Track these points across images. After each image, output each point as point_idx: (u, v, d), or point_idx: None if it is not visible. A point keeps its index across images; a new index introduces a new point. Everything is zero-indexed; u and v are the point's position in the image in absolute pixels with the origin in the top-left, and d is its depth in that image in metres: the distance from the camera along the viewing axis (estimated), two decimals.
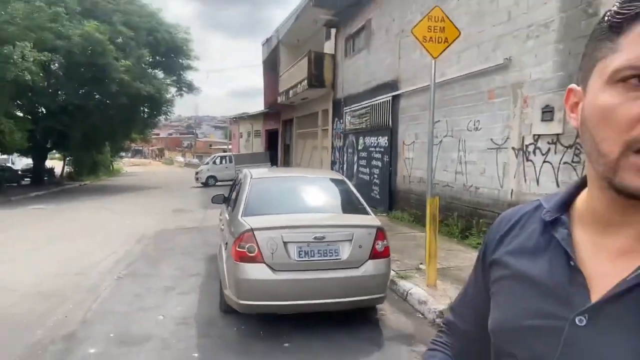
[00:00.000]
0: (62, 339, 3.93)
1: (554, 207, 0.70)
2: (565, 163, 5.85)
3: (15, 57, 13.85)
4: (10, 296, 5.12)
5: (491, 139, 7.29)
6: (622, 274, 0.57)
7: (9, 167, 24.49)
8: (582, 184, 0.70)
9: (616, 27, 0.55)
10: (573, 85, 0.65)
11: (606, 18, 0.57)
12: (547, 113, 6.10)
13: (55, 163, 29.01)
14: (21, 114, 18.85)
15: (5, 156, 26.91)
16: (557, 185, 5.94)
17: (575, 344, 0.58)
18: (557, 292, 0.63)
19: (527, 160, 6.51)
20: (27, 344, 3.82)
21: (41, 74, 15.56)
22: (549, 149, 6.13)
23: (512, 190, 6.80)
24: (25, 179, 23.92)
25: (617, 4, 0.55)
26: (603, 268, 0.60)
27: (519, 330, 0.66)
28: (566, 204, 0.71)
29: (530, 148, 6.46)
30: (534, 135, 6.38)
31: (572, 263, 0.63)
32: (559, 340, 0.59)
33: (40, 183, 22.66)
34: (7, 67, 13.76)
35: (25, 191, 19.30)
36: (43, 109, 20.13)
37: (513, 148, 6.78)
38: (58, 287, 5.47)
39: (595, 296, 0.59)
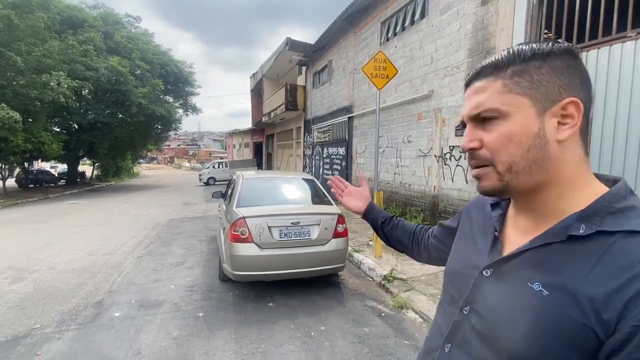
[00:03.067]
0: (92, 306, 3.74)
1: None
2: None
3: (52, 83, 13.24)
4: (51, 273, 4.85)
5: (419, 149, 7.46)
6: (521, 244, 0.62)
7: (48, 171, 23.39)
8: None
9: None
10: None
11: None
12: (459, 130, 6.29)
13: (86, 168, 27.80)
14: (57, 129, 17.92)
15: (44, 163, 25.67)
16: (466, 182, 6.13)
17: (479, 287, 0.65)
18: (482, 252, 0.70)
19: (445, 164, 6.70)
20: (64, 310, 3.63)
21: (74, 98, 14.92)
22: (460, 156, 6.32)
23: (434, 186, 6.98)
24: (62, 181, 22.88)
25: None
26: (515, 239, 0.66)
27: (455, 274, 0.75)
28: None
29: (447, 156, 6.65)
30: (450, 146, 6.57)
31: (495, 234, 0.70)
32: (470, 284, 0.67)
33: (74, 184, 21.72)
34: (46, 91, 13.13)
35: (61, 190, 18.38)
36: (76, 125, 19.14)
37: (435, 156, 6.96)
38: (89, 264, 5.21)
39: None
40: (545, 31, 5.17)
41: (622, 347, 0.47)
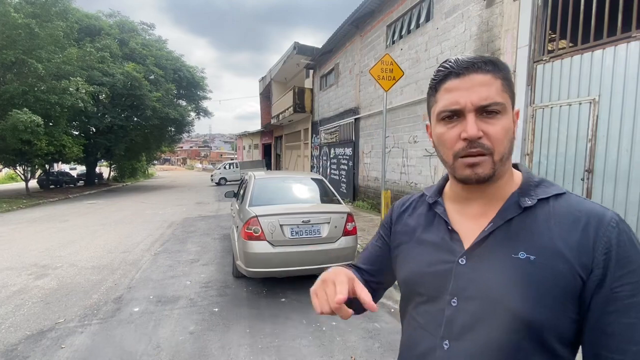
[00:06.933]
0: (112, 301, 3.79)
1: (433, 194, 0.80)
2: None
3: (71, 89, 13.44)
4: (73, 270, 4.93)
5: (425, 149, 7.40)
6: (480, 228, 0.67)
7: (67, 173, 23.74)
8: (447, 178, 0.79)
9: (433, 87, 0.68)
10: (427, 122, 0.76)
11: (430, 82, 0.69)
12: None
13: (103, 169, 28.15)
14: (77, 133, 18.20)
15: (64, 165, 26.12)
16: None
17: (461, 275, 0.67)
18: (444, 247, 0.71)
19: None
20: (86, 306, 3.68)
21: (91, 102, 15.11)
22: None
23: None
24: (80, 182, 23.23)
25: (434, 73, 0.68)
26: (468, 227, 0.70)
27: (423, 274, 0.73)
28: (440, 191, 0.80)
29: None
30: None
31: (449, 227, 0.72)
32: (451, 275, 0.68)
33: (92, 184, 22.01)
34: (65, 96, 13.33)
35: (80, 190, 18.65)
36: (93, 129, 19.42)
37: None
38: (108, 261, 5.28)
39: (467, 244, 0.68)
40: (550, 32, 5.09)
41: (603, 278, 0.58)
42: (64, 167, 30.26)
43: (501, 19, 5.40)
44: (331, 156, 13.20)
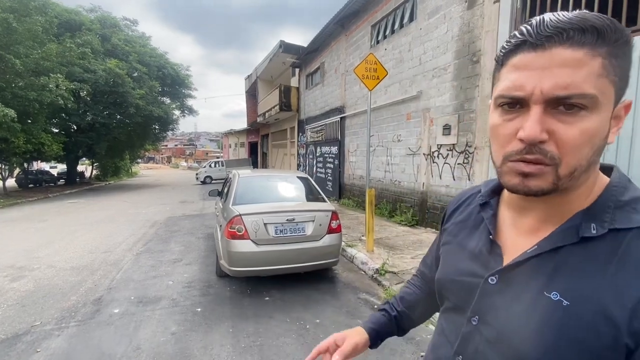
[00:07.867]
0: (92, 303, 3.67)
1: (486, 193, 0.67)
2: (458, 164, 6.07)
3: (50, 86, 12.96)
4: (51, 271, 4.75)
5: (409, 148, 7.46)
6: (526, 247, 0.55)
7: (47, 171, 22.97)
8: None
9: (500, 60, 0.51)
10: (490, 101, 0.60)
11: (498, 52, 0.53)
12: (446, 129, 6.31)
13: (85, 167, 27.34)
14: (57, 130, 17.58)
15: (44, 163, 25.28)
16: (454, 179, 6.15)
17: (486, 295, 0.58)
18: (481, 257, 0.62)
19: (433, 162, 6.71)
20: (63, 308, 3.55)
21: (72, 99, 14.60)
22: (447, 154, 6.34)
23: (423, 183, 6.99)
24: (61, 180, 22.50)
25: (506, 39, 0.50)
26: (516, 241, 0.58)
27: (452, 282, 0.66)
28: (497, 190, 0.67)
29: (435, 154, 6.66)
30: (438, 145, 6.58)
31: (491, 237, 0.61)
32: (475, 292, 0.59)
33: (73, 183, 21.37)
34: (44, 93, 12.85)
35: (61, 189, 18.07)
36: (74, 126, 18.80)
37: (424, 154, 6.97)
38: (88, 262, 5.11)
39: (507, 262, 0.57)
40: None
41: None
42: (44, 166, 29.26)
43: (482, 20, 5.48)
44: (317, 154, 13.18)
